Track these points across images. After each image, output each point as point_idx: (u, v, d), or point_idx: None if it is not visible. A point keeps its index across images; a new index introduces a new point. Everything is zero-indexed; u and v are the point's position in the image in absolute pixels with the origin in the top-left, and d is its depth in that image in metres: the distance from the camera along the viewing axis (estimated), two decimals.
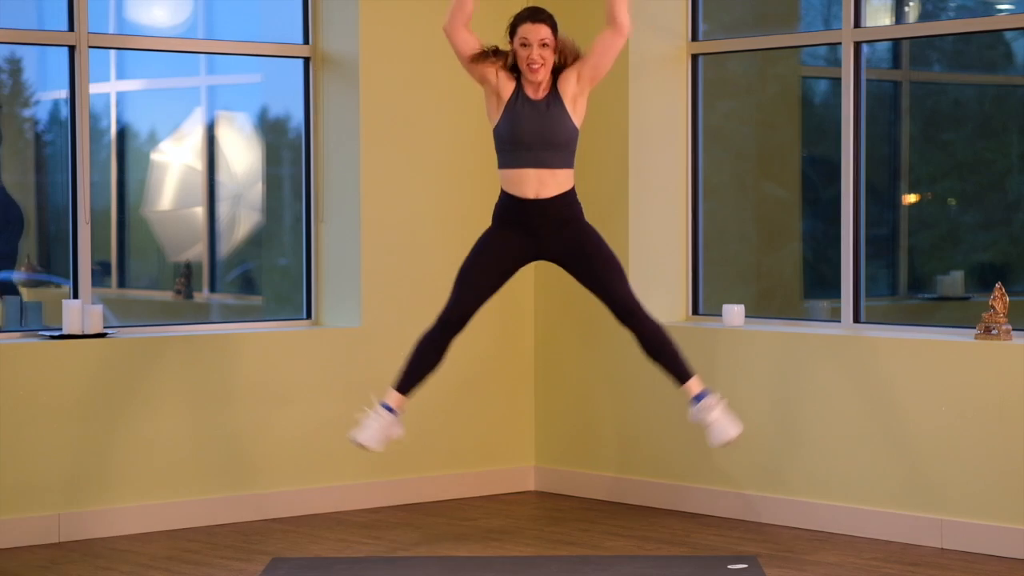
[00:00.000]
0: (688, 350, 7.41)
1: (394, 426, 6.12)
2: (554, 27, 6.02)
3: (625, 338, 7.64)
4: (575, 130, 6.02)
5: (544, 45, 5.98)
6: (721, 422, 6.06)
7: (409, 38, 7.65)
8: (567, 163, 6.01)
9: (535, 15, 6.02)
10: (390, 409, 6.10)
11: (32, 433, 6.69)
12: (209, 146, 8.90)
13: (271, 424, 7.25)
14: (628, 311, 6.07)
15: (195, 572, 6.18)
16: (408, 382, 6.12)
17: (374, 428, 6.09)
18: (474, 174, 7.85)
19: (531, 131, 5.96)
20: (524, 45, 5.98)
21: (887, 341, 6.76)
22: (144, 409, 6.96)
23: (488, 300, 6.14)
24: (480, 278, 6.09)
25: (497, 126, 6.06)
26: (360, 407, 6.20)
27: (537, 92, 6.02)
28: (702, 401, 6.07)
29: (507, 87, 6.03)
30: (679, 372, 6.10)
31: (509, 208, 6.02)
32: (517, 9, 7.90)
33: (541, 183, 5.97)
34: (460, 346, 7.74)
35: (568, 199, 6.01)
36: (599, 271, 6.04)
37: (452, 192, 7.79)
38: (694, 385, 6.08)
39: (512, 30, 6.05)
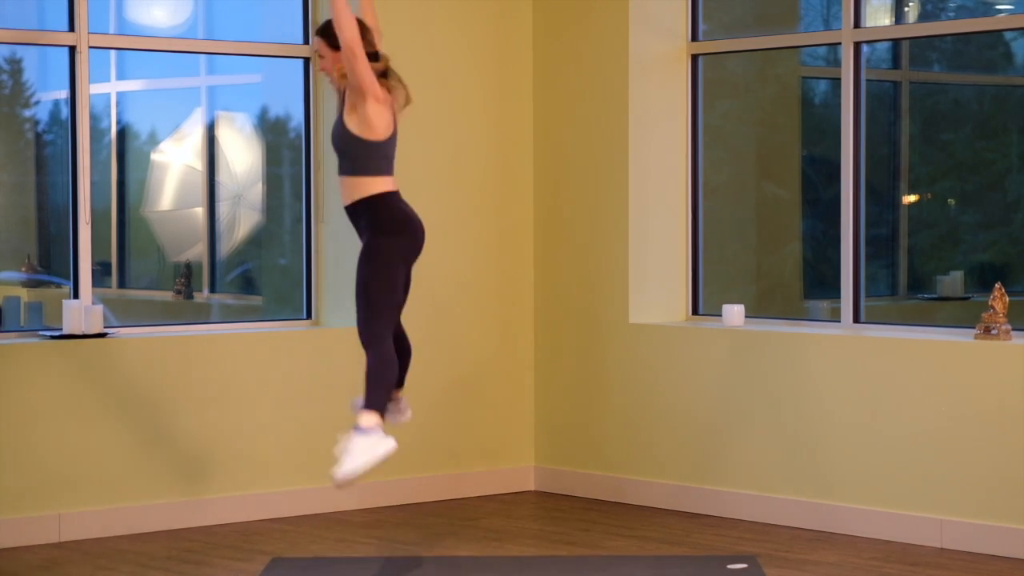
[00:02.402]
0: (688, 350, 7.42)
1: (380, 442, 5.73)
2: (325, 37, 5.90)
3: (624, 339, 7.65)
4: (348, 136, 5.82)
5: (320, 56, 5.96)
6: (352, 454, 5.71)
7: (409, 38, 7.65)
8: (352, 170, 5.85)
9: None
10: (365, 431, 5.73)
11: (32, 433, 6.70)
12: (209, 146, 8.90)
13: (271, 424, 7.25)
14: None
15: (195, 572, 6.18)
16: (382, 399, 5.83)
17: (359, 453, 5.71)
18: (474, 174, 7.85)
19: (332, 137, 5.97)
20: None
21: (887, 341, 6.76)
22: (144, 409, 6.96)
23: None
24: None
25: None
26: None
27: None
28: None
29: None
30: (366, 396, 5.81)
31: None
32: (519, 11, 7.94)
33: (343, 190, 5.91)
34: (460, 346, 7.75)
35: (358, 208, 5.86)
36: None
37: (452, 191, 7.79)
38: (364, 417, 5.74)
39: None
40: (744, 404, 7.18)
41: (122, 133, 8.91)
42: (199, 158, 8.90)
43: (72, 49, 7.01)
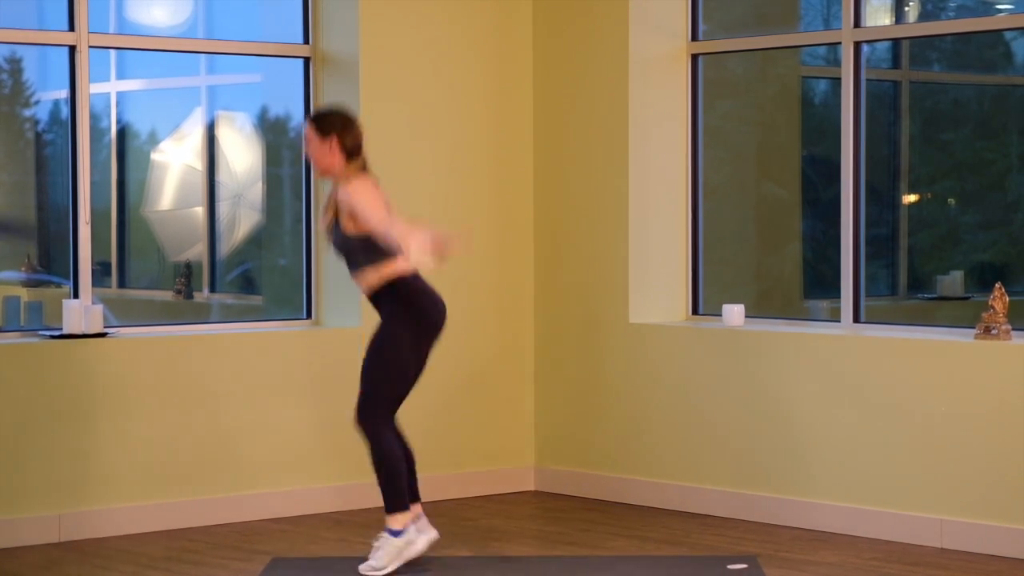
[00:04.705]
0: (688, 350, 7.42)
1: (411, 544, 6.03)
2: (315, 125, 5.94)
3: (624, 339, 7.65)
4: (351, 239, 5.88)
5: (307, 140, 5.98)
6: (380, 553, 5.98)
7: (409, 38, 7.65)
8: (361, 263, 5.90)
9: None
10: (399, 532, 6.00)
11: (32, 433, 6.69)
12: (209, 146, 8.90)
13: (271, 424, 7.25)
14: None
15: (195, 572, 6.18)
16: (399, 495, 6.00)
17: (387, 555, 5.98)
18: (474, 174, 7.85)
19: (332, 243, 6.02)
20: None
21: (887, 341, 6.76)
22: (144, 409, 6.96)
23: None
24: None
25: None
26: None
27: (327, 206, 6.02)
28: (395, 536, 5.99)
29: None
30: (384, 499, 5.99)
31: None
32: (519, 11, 7.94)
33: (360, 284, 5.97)
34: (460, 346, 7.74)
35: (379, 295, 5.92)
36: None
37: (452, 192, 7.79)
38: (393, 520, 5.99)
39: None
40: (744, 404, 7.18)
41: (122, 133, 8.92)
42: (199, 158, 8.91)
43: (72, 49, 7.01)
